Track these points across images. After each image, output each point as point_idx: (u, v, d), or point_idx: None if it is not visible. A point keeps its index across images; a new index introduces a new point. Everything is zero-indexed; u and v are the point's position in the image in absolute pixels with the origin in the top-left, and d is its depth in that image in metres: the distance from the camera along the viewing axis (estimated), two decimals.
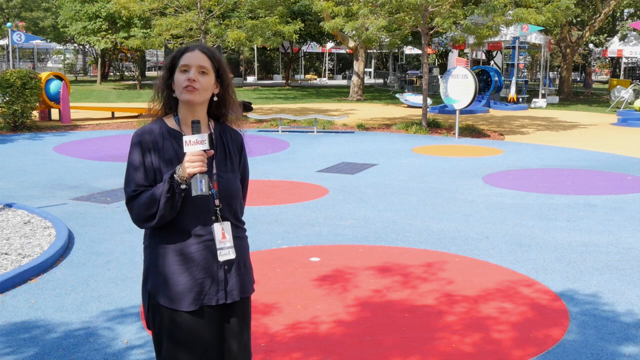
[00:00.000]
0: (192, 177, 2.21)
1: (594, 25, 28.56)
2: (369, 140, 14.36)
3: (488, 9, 15.11)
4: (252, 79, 44.22)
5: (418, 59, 48.46)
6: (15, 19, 38.93)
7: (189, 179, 2.22)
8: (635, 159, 11.95)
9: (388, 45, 23.41)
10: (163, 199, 2.23)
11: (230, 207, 2.41)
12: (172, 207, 2.26)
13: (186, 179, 2.22)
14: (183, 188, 2.24)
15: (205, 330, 2.36)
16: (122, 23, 28.56)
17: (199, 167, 2.20)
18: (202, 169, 2.20)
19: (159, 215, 2.26)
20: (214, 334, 2.38)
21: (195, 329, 2.34)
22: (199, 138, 2.22)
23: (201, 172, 2.20)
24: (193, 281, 2.33)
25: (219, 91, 2.44)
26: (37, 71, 24.99)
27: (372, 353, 3.90)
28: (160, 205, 2.24)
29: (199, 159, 2.20)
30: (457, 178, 9.76)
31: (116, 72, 46.14)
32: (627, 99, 22.62)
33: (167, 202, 2.24)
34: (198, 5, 17.78)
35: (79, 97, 25.05)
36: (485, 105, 22.89)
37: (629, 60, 39.94)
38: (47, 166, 10.53)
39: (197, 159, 2.20)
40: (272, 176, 9.80)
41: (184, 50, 2.39)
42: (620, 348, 4.01)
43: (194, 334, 2.34)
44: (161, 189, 2.24)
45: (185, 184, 2.23)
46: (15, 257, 5.48)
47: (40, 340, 4.04)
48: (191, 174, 2.21)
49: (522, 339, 4.09)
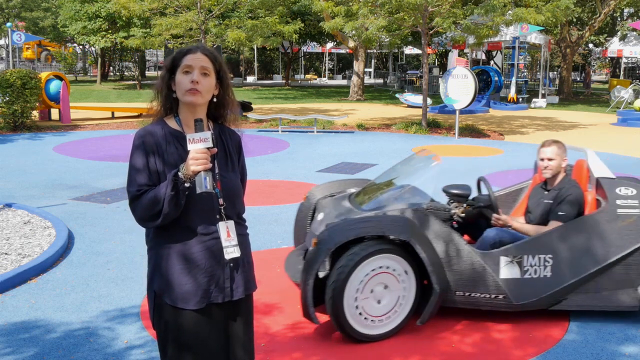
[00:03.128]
0: (196, 175, 2.22)
1: (594, 25, 28.56)
2: (369, 140, 14.36)
3: (488, 9, 15.11)
4: (252, 79, 44.23)
5: (418, 59, 48.47)
6: (15, 19, 38.92)
7: (193, 177, 2.23)
8: (635, 159, 11.95)
9: (388, 45, 23.42)
10: (167, 197, 2.24)
11: (233, 206, 2.43)
12: (176, 205, 2.26)
13: (190, 177, 2.23)
14: (187, 186, 2.25)
15: (211, 329, 2.38)
16: (122, 23, 28.56)
17: (203, 165, 2.20)
18: (206, 166, 2.21)
19: (163, 214, 2.26)
20: (220, 332, 2.41)
21: (201, 328, 2.36)
22: (202, 136, 2.23)
23: (205, 169, 2.21)
24: (199, 280, 2.34)
25: (219, 92, 2.45)
26: (37, 71, 24.98)
27: (372, 353, 3.90)
28: (164, 204, 2.25)
29: (202, 157, 2.21)
30: (457, 178, 9.75)
31: (116, 72, 46.15)
32: (627, 99, 22.62)
33: (171, 200, 2.24)
34: (198, 5, 17.78)
35: (79, 97, 25.05)
36: (485, 105, 22.89)
37: (629, 60, 39.95)
38: (47, 166, 10.53)
39: (201, 157, 2.21)
40: (272, 176, 9.80)
41: (185, 52, 2.39)
42: (620, 348, 4.01)
43: (200, 333, 2.36)
44: (165, 188, 2.25)
45: (189, 182, 2.24)
46: (15, 257, 5.48)
47: (40, 340, 4.04)
48: (195, 172, 2.21)
49: (522, 339, 4.09)
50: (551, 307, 4.32)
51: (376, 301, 4.02)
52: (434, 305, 4.05)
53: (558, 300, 4.31)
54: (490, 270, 4.16)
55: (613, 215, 4.35)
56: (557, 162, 4.54)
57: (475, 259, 4.16)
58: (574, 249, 4.30)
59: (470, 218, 4.70)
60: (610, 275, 4.35)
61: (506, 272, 4.21)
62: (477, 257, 4.17)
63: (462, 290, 4.17)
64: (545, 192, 4.65)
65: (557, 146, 4.57)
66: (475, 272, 4.15)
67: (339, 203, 4.60)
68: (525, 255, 4.23)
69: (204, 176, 2.21)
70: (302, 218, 5.05)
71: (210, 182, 2.22)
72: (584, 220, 4.37)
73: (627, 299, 4.33)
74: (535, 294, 4.25)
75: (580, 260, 4.30)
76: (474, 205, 4.69)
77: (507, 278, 4.20)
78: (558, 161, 4.54)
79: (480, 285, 4.17)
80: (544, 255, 4.25)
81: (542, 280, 4.25)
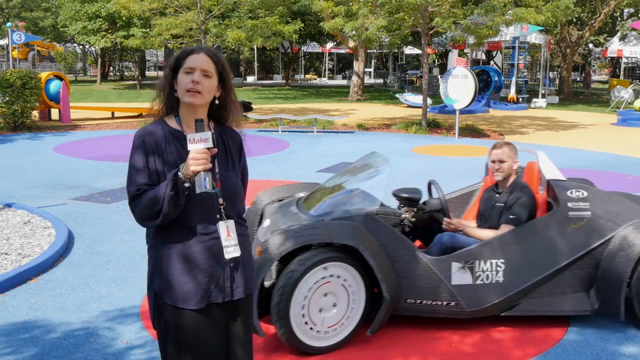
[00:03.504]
0: (196, 175, 2.22)
1: (594, 25, 28.57)
2: (369, 140, 14.36)
3: (488, 9, 15.12)
4: (252, 79, 44.24)
5: (418, 59, 48.48)
6: (15, 19, 38.93)
7: (193, 177, 2.23)
8: (635, 159, 11.96)
9: (388, 45, 23.41)
10: (167, 197, 2.24)
11: (234, 206, 2.43)
12: (175, 205, 2.27)
13: (190, 177, 2.23)
14: (187, 186, 2.25)
15: (211, 329, 2.38)
16: (122, 23, 28.57)
17: (202, 165, 2.21)
18: (205, 166, 2.21)
19: (162, 214, 2.26)
20: (220, 332, 2.41)
21: (201, 328, 2.36)
22: (202, 136, 2.23)
23: (205, 169, 2.21)
24: (199, 279, 2.34)
25: (221, 94, 2.46)
26: (37, 71, 24.99)
27: (373, 353, 3.90)
28: (164, 204, 2.25)
29: (202, 157, 2.21)
30: (457, 178, 9.76)
31: (116, 72, 46.15)
32: (627, 99, 22.62)
33: (170, 200, 2.24)
34: (198, 5, 17.78)
35: (79, 97, 25.05)
36: (485, 105, 22.89)
37: (629, 60, 39.95)
38: (47, 166, 10.53)
39: (201, 157, 2.21)
40: (272, 176, 9.80)
41: (189, 52, 2.40)
42: (620, 348, 4.01)
43: (200, 333, 2.36)
44: (165, 188, 2.25)
45: (189, 182, 2.24)
46: (15, 257, 5.48)
47: (40, 340, 4.04)
48: (195, 172, 2.21)
49: (522, 339, 4.09)
50: (502, 313, 4.23)
51: (324, 311, 3.86)
52: (384, 315, 3.90)
53: (510, 306, 4.22)
54: (441, 276, 4.05)
55: (564, 218, 4.28)
56: (508, 164, 4.45)
57: (426, 266, 4.03)
58: (526, 253, 4.21)
59: (421, 223, 4.58)
60: (563, 279, 4.29)
61: (458, 279, 4.08)
62: (428, 263, 4.04)
63: (413, 297, 4.04)
64: (496, 194, 4.54)
65: (509, 148, 4.49)
66: (426, 278, 4.03)
67: (286, 208, 4.42)
68: (477, 261, 4.11)
69: (204, 176, 2.21)
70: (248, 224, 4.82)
71: (210, 182, 2.22)
72: (536, 224, 4.28)
73: (579, 303, 4.27)
74: (487, 300, 4.15)
75: (532, 264, 4.22)
76: (425, 209, 4.58)
77: (459, 284, 4.08)
78: (509, 163, 4.45)
79: (431, 292, 4.04)
80: (496, 260, 4.15)
81: (494, 285, 4.15)
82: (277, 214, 4.37)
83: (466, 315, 4.15)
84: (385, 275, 3.86)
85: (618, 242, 4.27)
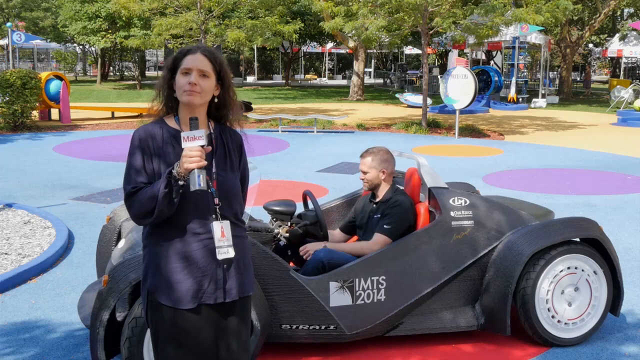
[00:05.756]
0: (190, 173, 2.21)
1: (594, 25, 28.58)
2: (369, 140, 14.35)
3: (487, 9, 15.13)
4: (252, 79, 44.26)
5: (418, 59, 48.49)
6: (15, 18, 38.94)
7: (187, 175, 2.23)
8: (635, 159, 11.96)
9: (388, 45, 23.43)
10: (161, 194, 2.24)
11: (230, 206, 2.42)
12: (169, 203, 2.26)
13: (184, 175, 2.23)
14: (181, 184, 2.25)
15: (203, 329, 2.36)
16: (122, 23, 28.57)
17: (196, 162, 2.20)
18: (199, 164, 2.20)
19: (157, 211, 2.26)
20: (212, 333, 2.38)
21: (193, 327, 2.35)
22: (196, 134, 2.23)
23: (199, 167, 2.21)
24: (192, 279, 2.33)
25: (220, 93, 2.45)
26: (37, 71, 24.99)
27: (373, 352, 3.91)
28: (158, 201, 2.25)
29: (196, 154, 2.21)
30: (457, 178, 9.76)
31: (116, 72, 46.15)
32: (627, 99, 22.63)
33: (164, 197, 2.24)
34: (198, 5, 17.79)
35: (79, 97, 25.05)
36: (485, 105, 22.90)
37: (629, 60, 39.95)
38: (47, 166, 10.53)
39: (194, 154, 2.20)
40: (272, 176, 9.80)
41: (186, 52, 2.39)
42: (620, 348, 4.01)
43: (191, 332, 2.35)
44: (159, 185, 2.25)
45: (183, 179, 2.24)
46: (15, 257, 5.48)
47: (40, 340, 4.04)
48: (188, 169, 2.21)
49: (522, 339, 4.09)
50: (387, 334, 3.93)
51: None
52: (256, 346, 3.41)
53: (394, 326, 3.91)
54: (318, 298, 3.65)
55: (447, 229, 3.94)
56: (372, 175, 4.17)
57: (300, 287, 3.61)
58: (408, 268, 3.86)
59: (296, 238, 4.14)
60: (448, 294, 3.98)
61: (336, 300, 3.69)
62: (302, 284, 3.61)
63: (288, 323, 3.65)
64: (373, 205, 4.22)
65: (372, 157, 4.20)
66: (301, 301, 3.62)
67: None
68: (356, 279, 3.72)
69: (198, 174, 2.20)
70: (105, 244, 4.32)
71: (204, 180, 2.21)
72: (417, 235, 3.92)
73: (465, 317, 3.99)
74: (370, 321, 3.79)
75: (415, 279, 3.87)
76: (300, 223, 4.15)
77: (338, 306, 3.70)
78: (373, 173, 4.16)
79: (308, 316, 3.65)
80: (377, 277, 3.78)
81: (376, 305, 3.79)
82: (133, 233, 3.79)
83: (347, 339, 3.80)
84: (256, 301, 3.38)
85: (502, 252, 3.97)
